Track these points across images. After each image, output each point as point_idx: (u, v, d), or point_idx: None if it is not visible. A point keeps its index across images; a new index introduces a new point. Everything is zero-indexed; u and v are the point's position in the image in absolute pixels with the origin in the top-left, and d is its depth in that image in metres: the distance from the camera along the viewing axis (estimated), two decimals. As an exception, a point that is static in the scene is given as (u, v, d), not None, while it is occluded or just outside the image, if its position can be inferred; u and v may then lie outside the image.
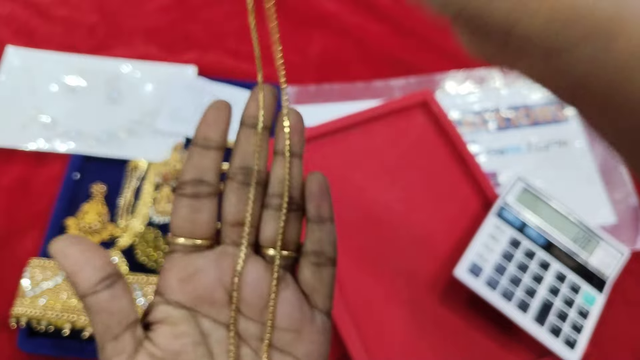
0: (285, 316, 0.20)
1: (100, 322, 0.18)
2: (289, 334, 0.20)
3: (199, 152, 0.21)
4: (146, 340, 0.19)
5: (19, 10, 0.52)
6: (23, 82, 0.47)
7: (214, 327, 0.20)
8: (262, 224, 0.21)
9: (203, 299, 0.20)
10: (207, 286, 0.20)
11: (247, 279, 0.20)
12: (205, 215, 0.20)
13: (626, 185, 0.47)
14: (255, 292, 0.20)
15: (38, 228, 0.41)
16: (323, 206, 0.21)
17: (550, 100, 0.51)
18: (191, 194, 0.20)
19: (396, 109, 0.46)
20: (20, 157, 0.44)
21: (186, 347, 0.19)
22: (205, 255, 0.20)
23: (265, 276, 0.20)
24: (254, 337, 0.20)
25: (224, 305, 0.20)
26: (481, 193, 0.43)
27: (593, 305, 0.37)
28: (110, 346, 0.18)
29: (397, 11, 0.56)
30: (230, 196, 0.21)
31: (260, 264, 0.20)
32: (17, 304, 0.36)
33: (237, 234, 0.21)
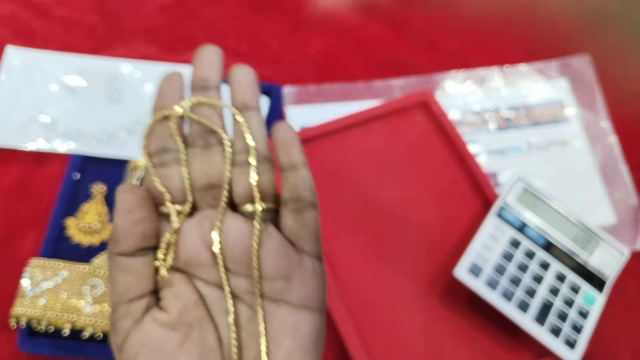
0: (272, 265, 0.20)
1: (124, 282, 0.19)
2: (279, 282, 0.20)
3: (160, 123, 0.21)
4: (154, 306, 0.20)
5: (19, 10, 0.52)
6: (23, 82, 0.47)
7: (207, 288, 0.20)
8: (233, 182, 0.21)
9: (191, 262, 0.20)
10: (192, 249, 0.20)
11: (228, 236, 0.20)
12: (176, 182, 0.21)
13: (626, 186, 0.47)
14: (238, 247, 0.20)
15: (38, 228, 0.41)
16: (293, 152, 0.21)
17: (550, 100, 0.51)
18: (159, 163, 0.21)
19: (396, 108, 0.46)
20: (20, 157, 0.44)
21: (188, 306, 0.19)
22: (186, 221, 0.21)
23: (246, 230, 0.20)
24: (246, 291, 0.20)
25: (211, 265, 0.20)
26: (481, 193, 0.43)
27: (593, 305, 0.37)
28: (123, 308, 0.19)
29: (397, 11, 0.56)
30: (195, 162, 0.21)
31: (239, 219, 0.20)
32: (17, 304, 0.36)
33: (211, 196, 0.21)
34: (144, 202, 0.20)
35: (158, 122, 0.21)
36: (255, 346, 0.19)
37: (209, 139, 0.22)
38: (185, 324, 0.19)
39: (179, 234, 0.20)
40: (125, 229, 0.19)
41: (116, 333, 0.19)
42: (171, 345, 0.19)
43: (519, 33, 0.56)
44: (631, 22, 0.56)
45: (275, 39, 0.53)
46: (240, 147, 0.21)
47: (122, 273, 0.19)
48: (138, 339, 0.19)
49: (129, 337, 0.19)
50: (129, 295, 0.19)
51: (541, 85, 0.52)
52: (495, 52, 0.54)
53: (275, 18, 0.55)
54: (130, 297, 0.19)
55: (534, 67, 0.53)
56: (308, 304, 0.20)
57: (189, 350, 0.19)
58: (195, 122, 0.22)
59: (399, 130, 0.45)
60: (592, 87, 0.52)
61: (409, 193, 0.43)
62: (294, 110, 0.49)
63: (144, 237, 0.20)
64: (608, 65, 0.53)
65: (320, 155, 0.43)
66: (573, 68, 0.53)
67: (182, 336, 0.19)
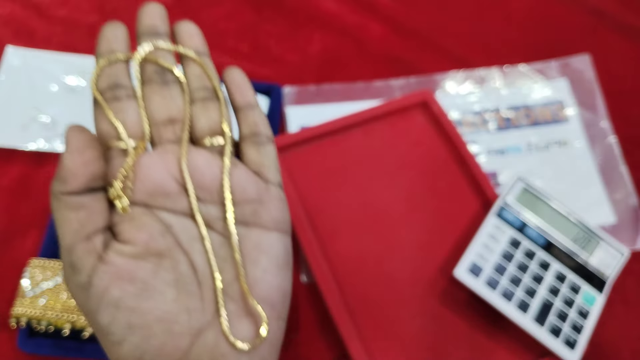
0: (243, 190, 0.20)
1: (77, 219, 0.18)
2: (250, 206, 0.20)
3: (109, 64, 0.21)
4: (112, 240, 0.19)
5: (19, 10, 0.52)
6: (23, 82, 0.47)
7: (173, 218, 0.20)
8: (194, 117, 0.21)
9: (155, 193, 0.20)
10: (157, 179, 0.20)
11: (195, 165, 0.20)
12: (132, 116, 0.20)
13: (626, 186, 0.47)
14: (208, 175, 0.20)
15: (38, 228, 0.41)
16: (247, 94, 0.22)
17: (550, 100, 0.51)
18: (111, 98, 0.21)
19: (396, 108, 0.46)
20: (20, 157, 0.44)
21: (153, 235, 0.19)
22: (146, 154, 0.20)
23: (212, 160, 0.21)
24: (217, 218, 0.20)
25: (179, 194, 0.20)
26: (481, 193, 0.43)
27: (593, 305, 0.37)
28: (81, 247, 0.18)
29: (397, 11, 0.56)
30: (154, 97, 0.21)
31: (203, 151, 0.21)
32: (17, 304, 0.36)
33: (171, 131, 0.21)
34: (94, 143, 0.19)
35: (107, 65, 0.21)
36: (230, 269, 0.20)
37: (167, 76, 0.22)
38: (153, 253, 0.19)
39: (141, 166, 0.20)
40: (74, 169, 0.18)
41: (78, 272, 0.18)
42: (145, 273, 0.18)
43: (519, 33, 0.56)
44: (631, 22, 0.56)
45: (275, 39, 0.53)
46: (198, 85, 0.22)
47: (73, 211, 0.18)
48: (107, 272, 0.18)
49: (96, 272, 0.18)
50: (85, 231, 0.18)
51: (541, 85, 0.52)
52: (495, 52, 0.54)
53: (275, 18, 0.55)
54: (87, 234, 0.18)
55: (534, 67, 0.53)
56: (278, 226, 0.21)
57: (164, 277, 0.19)
58: (150, 63, 0.22)
59: (399, 130, 0.45)
60: (592, 87, 0.52)
61: (409, 193, 0.43)
62: (294, 110, 0.49)
63: (93, 178, 0.19)
64: (608, 65, 0.53)
65: (320, 155, 0.43)
66: (573, 68, 0.53)
67: (153, 265, 0.19)
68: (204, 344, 0.19)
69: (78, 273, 0.18)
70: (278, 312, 0.20)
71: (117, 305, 0.18)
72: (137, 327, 0.18)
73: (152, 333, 0.18)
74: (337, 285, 0.38)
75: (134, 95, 0.21)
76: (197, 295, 0.19)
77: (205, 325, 0.19)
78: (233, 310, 0.19)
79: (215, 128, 0.22)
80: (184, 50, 0.22)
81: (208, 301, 0.19)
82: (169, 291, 0.19)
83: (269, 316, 0.19)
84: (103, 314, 0.18)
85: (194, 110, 0.22)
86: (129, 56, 0.22)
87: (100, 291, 0.18)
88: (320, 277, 0.38)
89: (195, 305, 0.19)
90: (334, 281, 0.38)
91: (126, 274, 0.18)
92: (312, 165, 0.42)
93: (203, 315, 0.19)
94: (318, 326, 0.39)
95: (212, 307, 0.19)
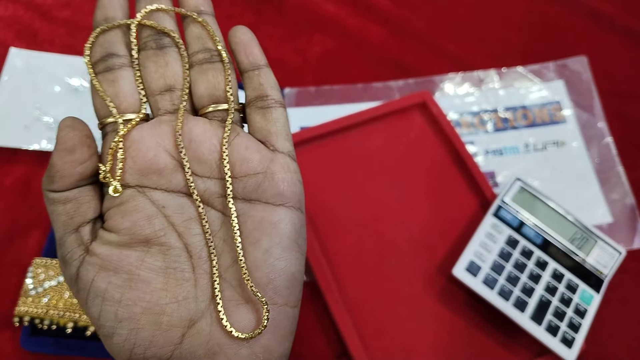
0: (243, 161, 0.18)
1: (65, 212, 0.18)
2: (252, 179, 0.18)
3: (103, 32, 0.19)
4: (101, 229, 0.18)
5: (22, 12, 0.52)
6: (26, 83, 0.47)
7: (168, 197, 0.18)
8: (193, 83, 0.20)
9: (147, 171, 0.18)
10: (148, 155, 0.18)
11: (192, 136, 0.18)
12: (127, 86, 0.19)
13: (623, 186, 0.47)
14: (204, 147, 0.18)
15: (41, 228, 0.41)
16: (254, 53, 0.20)
17: (548, 101, 0.52)
18: (104, 69, 0.19)
19: (395, 110, 0.46)
20: (24, 158, 0.44)
21: (138, 222, 0.18)
22: (138, 128, 0.18)
23: (211, 129, 0.19)
24: (217, 194, 0.18)
25: (173, 170, 0.18)
26: (479, 193, 0.43)
27: (590, 304, 0.38)
28: (70, 239, 0.18)
29: (396, 13, 0.56)
30: (149, 65, 0.19)
31: (202, 120, 0.19)
32: (20, 302, 0.36)
33: (168, 100, 0.19)
34: (87, 141, 0.18)
35: (102, 33, 0.19)
36: (230, 251, 0.18)
37: (163, 41, 0.20)
38: (140, 240, 0.18)
39: (131, 142, 0.18)
40: (62, 170, 0.17)
41: (68, 265, 0.17)
42: (129, 262, 0.17)
43: (517, 35, 0.56)
44: (628, 24, 0.56)
45: (275, 41, 0.54)
46: (198, 48, 0.20)
47: (61, 204, 0.18)
48: (93, 264, 0.17)
49: (82, 265, 0.17)
50: (73, 224, 0.18)
51: (539, 86, 0.52)
52: (492, 54, 0.54)
53: (275, 20, 0.55)
54: (75, 226, 0.18)
55: (532, 69, 0.53)
56: (285, 201, 0.18)
57: (151, 265, 0.17)
58: (147, 28, 0.20)
59: (398, 131, 0.46)
60: (589, 89, 0.52)
61: (408, 193, 0.43)
62: (294, 112, 0.49)
63: (81, 178, 0.18)
64: (605, 67, 0.53)
65: (320, 155, 0.43)
66: (570, 69, 0.53)
67: (140, 252, 0.17)
68: (197, 334, 0.17)
69: (67, 267, 0.18)
70: (284, 298, 0.18)
71: (104, 297, 0.17)
72: (124, 319, 0.17)
73: (139, 325, 0.17)
74: (337, 284, 0.39)
75: (130, 65, 0.19)
76: (190, 282, 0.18)
77: (198, 314, 0.17)
78: (231, 297, 0.18)
79: (217, 94, 0.19)
80: (181, 10, 0.20)
81: (203, 287, 0.18)
82: (156, 280, 0.17)
83: (271, 302, 0.17)
84: (92, 307, 0.17)
85: (192, 76, 0.20)
86: (124, 23, 0.20)
87: (87, 283, 0.17)
88: (320, 276, 0.38)
89: (187, 293, 0.17)
90: (333, 280, 0.38)
91: (111, 265, 0.17)
92: (312, 166, 0.43)
93: (196, 304, 0.17)
94: (318, 324, 0.39)
95: (207, 293, 0.18)
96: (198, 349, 0.17)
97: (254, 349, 0.17)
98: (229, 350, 0.17)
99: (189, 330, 0.17)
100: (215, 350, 0.17)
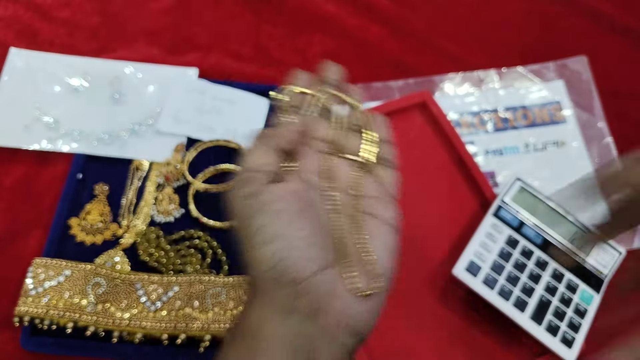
0: (372, 188, 0.26)
1: (253, 160, 0.24)
2: (372, 201, 0.26)
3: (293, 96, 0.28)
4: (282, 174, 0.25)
5: (22, 12, 0.52)
6: (26, 84, 0.47)
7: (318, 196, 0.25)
8: (345, 142, 0.27)
9: (322, 175, 0.26)
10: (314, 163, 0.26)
11: (343, 168, 0.27)
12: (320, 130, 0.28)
13: (623, 186, 0.47)
14: (348, 175, 0.26)
15: (41, 228, 0.41)
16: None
17: (548, 101, 0.52)
18: (292, 112, 0.28)
19: (395, 109, 0.46)
20: (24, 157, 0.44)
21: (300, 190, 0.24)
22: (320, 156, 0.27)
23: (353, 167, 0.27)
24: (348, 206, 0.25)
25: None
26: (479, 193, 0.43)
27: (590, 304, 0.38)
28: (258, 176, 0.23)
29: (396, 13, 0.56)
30: (320, 123, 0.28)
31: (345, 161, 0.27)
32: (20, 302, 0.36)
33: (329, 146, 0.27)
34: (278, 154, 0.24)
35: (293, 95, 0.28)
36: (352, 242, 0.24)
37: (329, 113, 0.29)
38: (306, 200, 0.23)
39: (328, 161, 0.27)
40: (253, 171, 0.23)
41: (251, 184, 0.22)
42: (299, 206, 0.23)
43: (517, 35, 0.56)
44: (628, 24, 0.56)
45: (276, 41, 0.54)
46: (354, 122, 0.28)
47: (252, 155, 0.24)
48: (275, 192, 0.22)
49: (266, 188, 0.22)
50: (260, 167, 0.23)
51: (539, 86, 0.52)
52: (493, 54, 0.54)
53: (276, 20, 0.55)
54: (263, 169, 0.23)
55: (532, 69, 0.53)
56: (389, 221, 0.25)
57: (310, 215, 0.23)
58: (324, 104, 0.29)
59: (398, 131, 0.46)
60: (589, 89, 0.52)
61: (408, 193, 0.43)
62: (294, 112, 0.49)
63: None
64: (605, 67, 0.53)
65: (320, 155, 0.43)
66: (570, 69, 0.53)
67: (305, 204, 0.23)
68: (324, 279, 0.22)
69: (250, 184, 0.22)
70: (385, 282, 0.24)
71: (277, 215, 0.22)
72: (282, 237, 0.21)
73: (293, 246, 0.21)
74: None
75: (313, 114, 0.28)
76: (327, 243, 0.23)
77: (328, 265, 0.22)
78: (349, 265, 0.23)
79: (357, 150, 0.28)
80: (349, 99, 0.30)
81: (331, 251, 0.23)
82: (311, 226, 0.22)
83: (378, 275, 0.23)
84: (258, 219, 0.22)
85: (348, 136, 0.28)
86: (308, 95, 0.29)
87: (264, 201, 0.22)
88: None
89: (325, 247, 0.23)
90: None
91: (289, 198, 0.23)
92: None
93: (327, 258, 0.22)
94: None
95: (332, 257, 0.23)
96: (322, 288, 0.21)
97: (363, 305, 0.22)
98: (344, 298, 0.22)
99: (320, 271, 0.22)
100: (334, 293, 0.22)
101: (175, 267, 0.40)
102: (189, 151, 0.45)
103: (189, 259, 0.40)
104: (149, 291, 0.37)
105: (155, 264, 0.40)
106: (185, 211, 0.43)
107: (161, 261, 0.40)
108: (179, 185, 0.44)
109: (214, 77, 0.50)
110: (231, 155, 0.46)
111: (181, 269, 0.40)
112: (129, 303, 0.37)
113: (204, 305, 0.37)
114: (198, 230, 0.42)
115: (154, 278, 0.38)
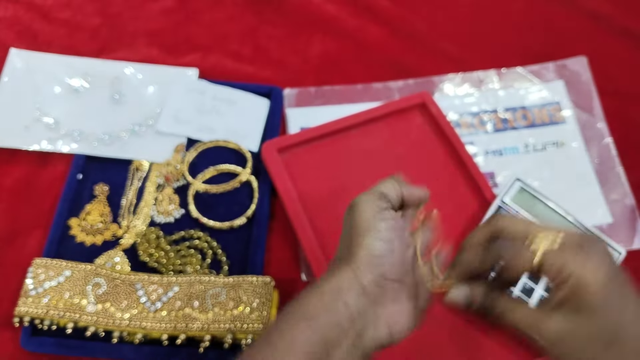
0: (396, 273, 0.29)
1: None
2: (394, 284, 0.29)
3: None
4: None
5: (22, 13, 0.52)
6: (26, 84, 0.47)
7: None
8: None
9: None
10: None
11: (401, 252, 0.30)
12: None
13: (622, 186, 0.47)
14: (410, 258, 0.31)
15: (41, 228, 0.41)
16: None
17: (548, 102, 0.52)
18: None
19: (395, 110, 0.46)
20: (24, 158, 0.44)
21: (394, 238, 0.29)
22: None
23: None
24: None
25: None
26: (479, 193, 0.43)
27: (590, 304, 0.38)
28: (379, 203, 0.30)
29: (396, 14, 0.56)
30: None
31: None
32: (20, 302, 0.36)
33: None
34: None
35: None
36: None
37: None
38: (401, 231, 0.29)
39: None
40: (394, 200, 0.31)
41: (363, 213, 0.29)
42: (399, 234, 0.29)
43: (517, 36, 0.56)
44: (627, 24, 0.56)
45: (276, 42, 0.54)
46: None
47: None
48: (392, 214, 0.29)
49: (389, 209, 0.29)
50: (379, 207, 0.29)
51: (538, 87, 0.52)
52: (492, 55, 0.54)
53: (276, 21, 0.55)
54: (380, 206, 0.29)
55: (531, 69, 0.53)
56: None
57: (403, 246, 0.29)
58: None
59: (398, 132, 0.46)
60: (589, 89, 0.52)
61: (408, 193, 0.43)
62: (294, 112, 0.49)
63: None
64: (605, 67, 0.53)
65: (320, 155, 0.44)
66: (570, 70, 0.53)
67: (400, 235, 0.29)
68: (395, 287, 0.28)
69: (383, 201, 0.29)
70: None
71: (392, 228, 0.28)
72: (390, 243, 0.28)
73: (394, 255, 0.28)
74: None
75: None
76: (407, 269, 0.30)
77: (409, 277, 0.30)
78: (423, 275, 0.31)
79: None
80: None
81: (409, 274, 0.30)
82: (402, 244, 0.29)
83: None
84: (381, 224, 0.28)
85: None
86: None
87: (386, 217, 0.29)
88: (319, 276, 0.38)
89: (409, 263, 0.30)
90: (333, 280, 0.38)
91: (398, 224, 0.29)
92: (312, 166, 0.43)
93: (404, 277, 0.29)
94: (318, 325, 0.39)
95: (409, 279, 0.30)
96: (390, 292, 0.28)
97: (406, 317, 0.29)
98: (399, 307, 0.28)
99: (404, 278, 0.29)
100: (396, 299, 0.28)
101: (175, 268, 0.40)
102: (189, 151, 0.45)
103: (189, 260, 0.40)
104: (149, 291, 0.37)
105: (155, 264, 0.40)
106: (185, 212, 0.43)
107: (161, 261, 0.40)
108: (179, 186, 0.44)
109: (213, 77, 0.50)
110: (231, 156, 0.46)
111: (181, 270, 0.40)
112: (129, 303, 0.37)
113: (204, 306, 0.37)
114: (198, 230, 0.42)
115: (154, 278, 0.38)
